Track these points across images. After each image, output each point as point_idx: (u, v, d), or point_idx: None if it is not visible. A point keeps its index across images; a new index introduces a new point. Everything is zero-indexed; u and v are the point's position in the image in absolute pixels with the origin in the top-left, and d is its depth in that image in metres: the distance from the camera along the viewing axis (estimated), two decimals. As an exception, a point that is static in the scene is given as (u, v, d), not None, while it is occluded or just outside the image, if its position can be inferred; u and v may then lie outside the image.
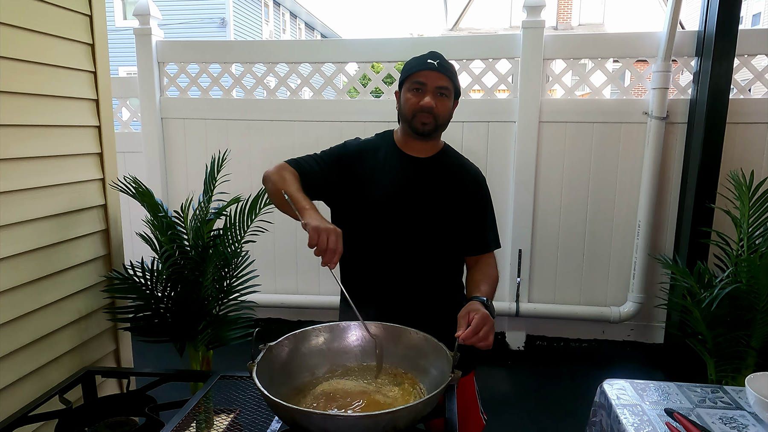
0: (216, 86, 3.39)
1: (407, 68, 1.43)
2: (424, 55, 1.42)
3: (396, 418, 0.98)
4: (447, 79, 1.40)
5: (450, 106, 1.43)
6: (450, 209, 1.45)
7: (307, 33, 19.50)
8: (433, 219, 1.44)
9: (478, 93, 3.33)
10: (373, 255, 1.46)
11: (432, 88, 1.38)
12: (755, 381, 1.37)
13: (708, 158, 2.78)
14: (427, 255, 1.45)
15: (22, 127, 1.65)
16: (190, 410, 1.35)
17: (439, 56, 1.42)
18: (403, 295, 1.46)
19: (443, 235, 1.46)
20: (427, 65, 1.39)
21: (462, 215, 1.47)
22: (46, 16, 1.72)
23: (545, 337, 3.37)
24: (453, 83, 1.42)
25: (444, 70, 1.39)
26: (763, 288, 1.89)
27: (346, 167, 1.45)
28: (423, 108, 1.37)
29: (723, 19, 2.67)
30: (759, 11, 13.88)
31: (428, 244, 1.45)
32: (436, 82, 1.38)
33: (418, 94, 1.39)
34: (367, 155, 1.47)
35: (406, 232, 1.43)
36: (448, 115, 1.44)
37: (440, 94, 1.39)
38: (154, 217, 2.01)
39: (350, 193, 1.45)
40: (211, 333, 2.07)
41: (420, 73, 1.39)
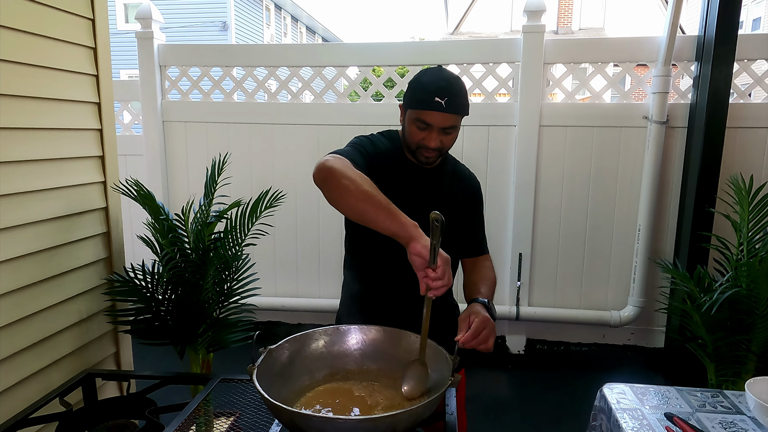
0: (217, 90, 3.40)
1: (413, 96, 1.32)
2: (432, 86, 1.28)
3: (396, 421, 0.98)
4: (455, 117, 1.30)
5: (456, 135, 1.37)
6: (451, 213, 1.46)
7: (308, 36, 19.55)
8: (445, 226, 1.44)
9: (478, 97, 3.34)
10: (380, 258, 1.46)
11: (437, 129, 1.31)
12: (755, 385, 1.37)
13: (708, 163, 2.79)
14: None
15: (24, 130, 1.65)
16: (191, 413, 1.35)
17: (448, 89, 1.28)
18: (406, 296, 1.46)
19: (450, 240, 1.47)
20: (434, 105, 1.27)
21: (460, 219, 1.48)
22: (49, 20, 1.73)
23: (545, 341, 3.37)
24: (463, 115, 1.33)
25: (452, 109, 1.28)
26: (762, 292, 1.89)
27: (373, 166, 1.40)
28: (428, 147, 1.33)
29: (722, 24, 2.68)
30: (759, 16, 13.92)
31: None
32: (442, 123, 1.29)
33: (423, 131, 1.32)
34: (384, 157, 1.44)
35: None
36: (452, 144, 1.38)
37: (446, 132, 1.32)
38: (155, 220, 2.02)
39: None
40: (211, 336, 2.07)
41: (426, 112, 1.29)
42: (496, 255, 3.23)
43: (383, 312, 1.47)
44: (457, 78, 1.34)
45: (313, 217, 3.36)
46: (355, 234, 1.51)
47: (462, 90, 1.32)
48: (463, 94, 1.32)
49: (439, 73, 1.33)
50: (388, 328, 1.31)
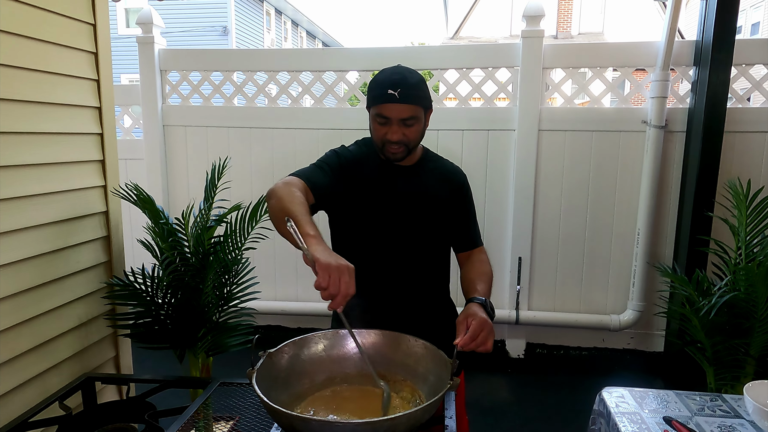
0: (218, 94, 3.41)
1: (370, 94, 1.36)
2: (385, 81, 1.32)
3: (395, 425, 0.98)
4: (411, 107, 1.32)
5: (420, 128, 1.38)
6: (438, 211, 1.48)
7: (309, 41, 19.61)
8: (424, 223, 1.46)
9: (478, 101, 3.35)
10: (368, 261, 1.46)
11: (396, 121, 1.33)
12: (754, 389, 1.38)
13: (706, 167, 2.79)
14: (419, 259, 1.48)
15: (26, 135, 1.66)
16: (190, 417, 1.36)
17: (401, 81, 1.31)
18: (397, 299, 1.47)
19: (434, 236, 1.49)
20: (387, 97, 1.30)
21: (449, 214, 1.49)
22: (50, 26, 1.74)
23: (545, 344, 3.37)
24: (420, 105, 1.34)
25: (406, 99, 1.30)
26: (761, 296, 1.90)
27: (346, 176, 1.46)
28: (391, 141, 1.35)
29: (720, 29, 2.70)
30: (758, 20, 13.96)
31: (421, 247, 1.48)
32: (399, 114, 1.32)
33: (383, 125, 1.35)
34: (359, 164, 1.47)
35: (400, 237, 1.45)
36: (419, 137, 1.40)
37: (406, 124, 1.34)
38: (155, 224, 2.02)
39: (347, 202, 1.47)
40: (211, 340, 2.07)
41: (382, 106, 1.32)
42: (496, 259, 3.23)
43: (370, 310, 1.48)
44: (412, 72, 1.36)
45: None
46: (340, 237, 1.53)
47: (417, 82, 1.34)
48: (418, 86, 1.33)
49: (394, 69, 1.36)
50: (387, 332, 1.31)
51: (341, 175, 1.44)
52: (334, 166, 1.44)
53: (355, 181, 1.45)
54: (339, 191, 1.44)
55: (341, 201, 1.46)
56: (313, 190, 1.33)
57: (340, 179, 1.44)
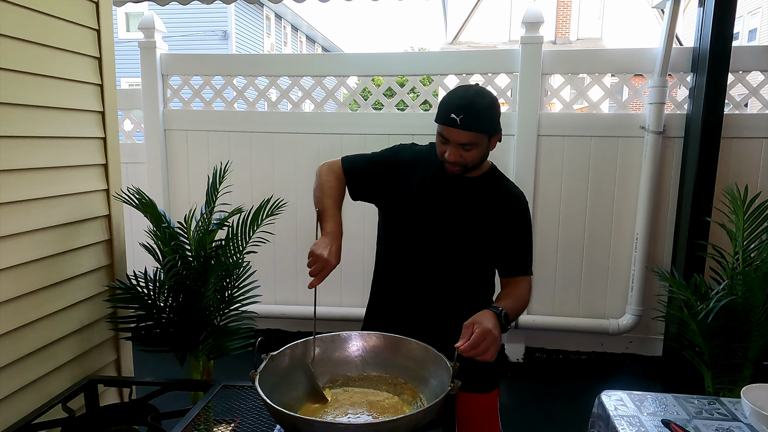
0: (219, 99, 3.43)
1: (438, 112, 1.36)
2: (451, 102, 1.33)
3: (396, 427, 1.00)
4: (471, 135, 1.32)
5: (481, 153, 1.37)
6: (489, 229, 1.45)
7: (308, 46, 19.67)
8: (470, 237, 1.44)
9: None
10: (410, 264, 1.49)
11: (455, 144, 1.34)
12: (751, 392, 1.39)
13: (703, 172, 2.82)
14: (456, 270, 1.47)
15: (30, 139, 1.68)
16: (192, 419, 1.37)
17: (467, 107, 1.31)
18: (428, 304, 1.48)
19: (479, 253, 1.47)
20: (449, 121, 1.31)
21: (500, 236, 1.45)
22: (55, 31, 1.75)
23: (544, 349, 3.38)
24: (481, 133, 1.33)
25: (467, 127, 1.30)
26: (758, 300, 1.91)
27: (394, 175, 1.48)
28: (447, 160, 1.37)
29: (717, 35, 2.72)
30: (755, 27, 14.05)
31: (463, 260, 1.46)
32: (458, 139, 1.33)
33: (443, 145, 1.37)
34: (417, 166, 1.48)
35: (444, 246, 1.45)
36: (479, 160, 1.39)
37: (464, 148, 1.34)
38: (156, 228, 2.03)
39: (396, 201, 1.48)
40: (212, 343, 2.08)
41: (443, 127, 1.34)
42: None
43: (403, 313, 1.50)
44: (483, 96, 1.34)
45: (313, 225, 3.34)
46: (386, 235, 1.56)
47: (483, 109, 1.32)
48: (484, 112, 1.32)
49: (465, 90, 1.35)
50: (388, 335, 1.33)
51: (389, 173, 1.48)
52: (384, 162, 1.51)
53: (409, 180, 1.47)
54: (380, 186, 1.49)
55: (388, 197, 1.50)
56: (351, 178, 1.51)
57: (387, 176, 1.48)
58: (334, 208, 1.44)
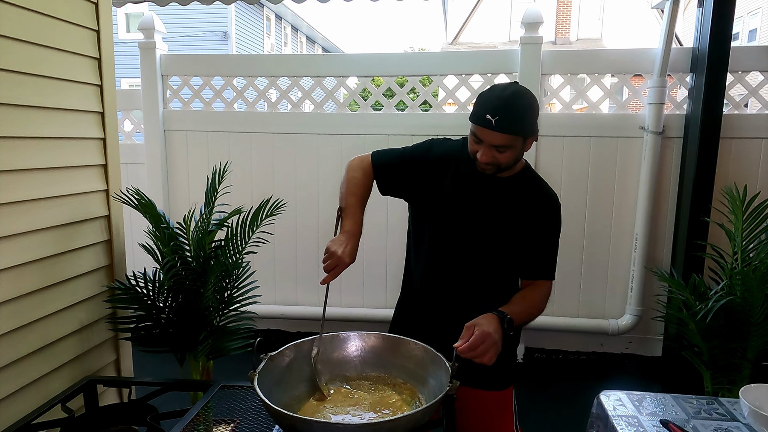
0: (218, 99, 3.43)
1: (473, 111, 1.33)
2: (488, 103, 1.29)
3: (395, 426, 1.00)
4: (506, 137, 1.28)
5: (514, 155, 1.34)
6: (517, 230, 1.43)
7: (308, 46, 19.68)
8: (502, 237, 1.43)
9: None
10: (436, 261, 1.48)
11: (488, 145, 1.31)
12: (749, 392, 1.39)
13: (702, 173, 2.82)
14: (485, 270, 1.46)
15: (29, 139, 1.68)
16: (192, 419, 1.37)
17: (503, 108, 1.26)
18: (456, 302, 1.47)
19: (505, 252, 1.46)
20: (484, 122, 1.28)
21: (528, 238, 1.44)
22: (55, 32, 1.76)
23: (544, 349, 3.38)
24: (518, 135, 1.30)
25: (502, 129, 1.27)
26: (756, 300, 1.91)
27: (427, 173, 1.46)
28: (479, 161, 1.34)
29: (716, 36, 2.72)
30: (755, 27, 14.05)
31: (489, 258, 1.45)
32: (492, 140, 1.29)
33: (477, 144, 1.34)
34: (450, 163, 1.46)
35: (471, 243, 1.44)
36: (512, 161, 1.36)
37: (498, 150, 1.31)
38: (156, 228, 2.04)
39: (427, 198, 1.47)
40: (211, 343, 2.09)
41: (478, 128, 1.31)
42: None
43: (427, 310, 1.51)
44: (521, 97, 1.29)
45: (312, 225, 3.38)
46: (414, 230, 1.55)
47: (520, 110, 1.28)
48: (520, 115, 1.28)
49: (503, 89, 1.30)
50: (387, 335, 1.33)
51: (422, 170, 1.46)
52: (415, 158, 1.48)
53: (441, 176, 1.45)
54: (409, 182, 1.48)
55: (419, 193, 1.48)
56: (377, 183, 1.50)
57: (417, 172, 1.47)
58: (356, 206, 1.41)
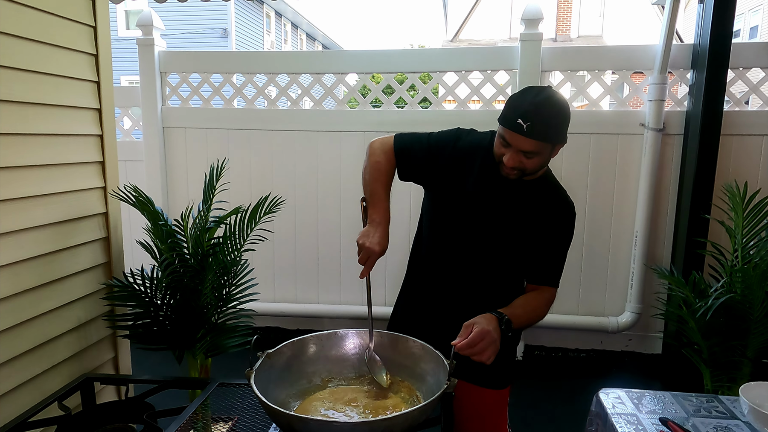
0: (217, 96, 3.42)
1: (504, 114, 1.30)
2: (520, 105, 1.26)
3: (392, 425, 0.99)
4: (535, 143, 1.26)
5: (542, 161, 1.33)
6: (528, 232, 1.42)
7: (308, 43, 19.64)
8: (513, 238, 1.42)
9: (476, 104, 3.36)
10: (448, 253, 1.47)
11: (516, 150, 1.29)
12: (749, 390, 1.38)
13: (703, 170, 2.81)
14: (495, 269, 1.46)
15: (26, 136, 1.67)
16: (189, 417, 1.36)
17: (535, 114, 1.24)
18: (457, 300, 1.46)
19: (513, 254, 1.45)
20: (515, 126, 1.25)
21: (540, 242, 1.43)
22: (51, 28, 1.75)
23: (544, 347, 3.37)
24: (548, 143, 1.28)
25: (532, 135, 1.24)
26: (756, 298, 1.91)
27: (448, 162, 1.44)
28: (506, 164, 1.32)
29: (717, 33, 2.71)
30: (756, 24, 14.01)
31: (500, 260, 1.45)
32: (521, 145, 1.27)
33: (504, 148, 1.32)
34: (471, 155, 1.43)
35: (485, 242, 1.43)
36: (538, 168, 1.35)
37: (526, 156, 1.29)
38: (154, 226, 2.03)
39: (444, 187, 1.45)
40: (209, 341, 2.08)
41: (508, 132, 1.28)
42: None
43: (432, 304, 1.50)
44: (552, 102, 1.26)
45: (311, 222, 3.37)
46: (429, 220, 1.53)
47: (552, 117, 1.26)
48: (552, 122, 1.26)
49: (537, 95, 1.27)
50: (385, 332, 1.32)
51: (445, 160, 1.43)
52: (440, 148, 1.45)
53: (463, 170, 1.43)
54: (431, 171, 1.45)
55: (439, 183, 1.46)
56: (398, 168, 1.47)
57: (441, 164, 1.44)
58: (382, 193, 1.39)
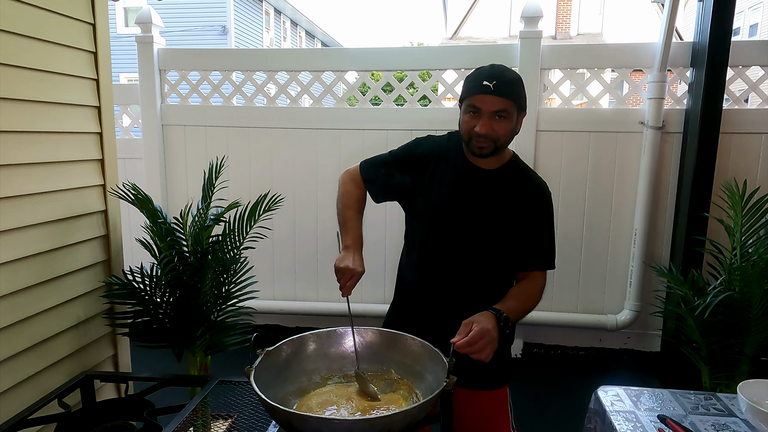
0: (216, 94, 3.42)
1: (466, 86, 1.36)
2: (482, 73, 1.32)
3: (391, 422, 1.00)
4: (505, 101, 1.30)
5: (511, 126, 1.35)
6: (510, 223, 1.42)
7: (308, 41, 19.61)
8: (491, 230, 1.42)
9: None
10: (430, 258, 1.47)
11: (488, 113, 1.31)
12: (747, 388, 1.39)
13: (702, 168, 2.81)
14: (480, 265, 1.45)
15: (25, 134, 1.67)
16: (188, 414, 1.37)
17: (499, 73, 1.31)
18: (453, 299, 1.46)
19: (499, 247, 1.44)
20: (482, 89, 1.30)
21: (521, 230, 1.42)
22: (50, 25, 1.74)
23: (542, 344, 3.38)
24: (514, 102, 1.33)
25: (501, 93, 1.29)
26: (755, 296, 1.91)
27: (413, 172, 1.46)
28: (478, 134, 1.32)
29: (716, 31, 2.71)
30: (756, 22, 14.01)
31: (483, 255, 1.44)
32: (492, 106, 1.30)
33: (473, 117, 1.33)
34: (434, 160, 1.46)
35: (463, 241, 1.43)
36: (509, 135, 1.36)
37: (498, 117, 1.31)
38: (153, 224, 2.03)
39: (415, 197, 1.47)
40: (209, 339, 2.08)
41: (475, 96, 1.32)
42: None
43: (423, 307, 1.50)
44: (511, 70, 1.35)
45: (311, 220, 3.37)
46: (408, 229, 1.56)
47: (514, 80, 1.33)
48: (514, 83, 1.33)
49: (492, 65, 1.36)
50: (384, 330, 1.32)
51: (406, 168, 1.47)
52: (401, 159, 1.49)
53: (428, 175, 1.45)
54: (399, 184, 1.47)
55: (409, 194, 1.48)
56: (371, 186, 1.50)
57: (405, 172, 1.47)
58: (354, 219, 1.43)
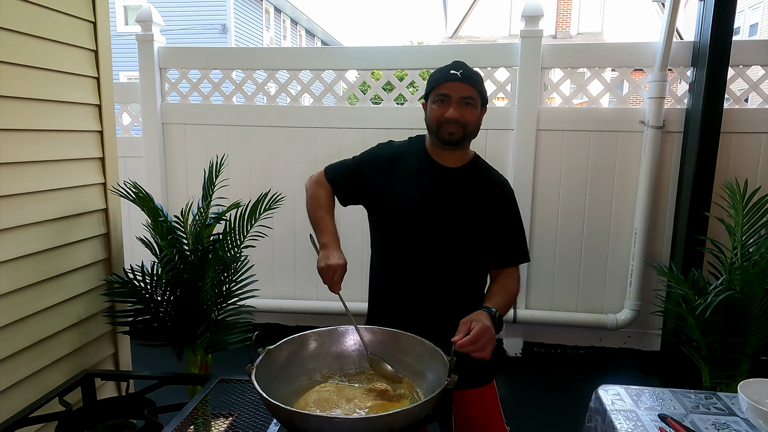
0: (217, 92, 3.41)
1: (431, 80, 1.44)
2: (447, 66, 1.42)
3: (392, 421, 1.00)
4: (471, 88, 1.39)
5: (477, 114, 1.43)
6: (476, 221, 1.45)
7: (308, 40, 19.59)
8: (458, 229, 1.44)
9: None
10: (399, 260, 1.48)
11: (456, 99, 1.38)
12: (748, 387, 1.39)
13: (703, 167, 2.81)
14: (450, 264, 1.46)
15: (26, 132, 1.67)
16: (189, 413, 1.37)
17: (463, 65, 1.42)
18: (426, 301, 1.47)
19: (467, 245, 1.46)
20: (450, 76, 1.39)
21: (488, 227, 1.46)
22: (50, 23, 1.74)
23: (542, 344, 3.38)
24: (478, 91, 1.42)
25: (467, 80, 1.39)
26: (755, 295, 1.91)
27: (377, 174, 1.49)
28: (449, 119, 1.38)
29: (717, 30, 2.71)
30: (756, 21, 13.99)
31: (452, 253, 1.45)
32: (460, 92, 1.38)
33: (443, 105, 1.40)
34: (397, 162, 1.50)
35: (431, 240, 1.44)
36: (476, 123, 1.43)
37: (465, 103, 1.39)
38: (153, 222, 2.03)
39: (380, 198, 1.49)
40: (209, 337, 2.08)
41: (444, 84, 1.40)
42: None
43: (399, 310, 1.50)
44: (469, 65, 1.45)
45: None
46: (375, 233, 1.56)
47: (476, 73, 1.44)
48: (477, 74, 1.44)
49: (452, 60, 1.46)
50: (385, 329, 1.32)
51: (370, 172, 1.49)
52: (364, 164, 1.52)
53: (392, 176, 1.48)
54: (363, 188, 1.50)
55: (374, 196, 1.50)
56: (337, 189, 1.52)
57: (368, 176, 1.49)
58: (327, 218, 1.46)
